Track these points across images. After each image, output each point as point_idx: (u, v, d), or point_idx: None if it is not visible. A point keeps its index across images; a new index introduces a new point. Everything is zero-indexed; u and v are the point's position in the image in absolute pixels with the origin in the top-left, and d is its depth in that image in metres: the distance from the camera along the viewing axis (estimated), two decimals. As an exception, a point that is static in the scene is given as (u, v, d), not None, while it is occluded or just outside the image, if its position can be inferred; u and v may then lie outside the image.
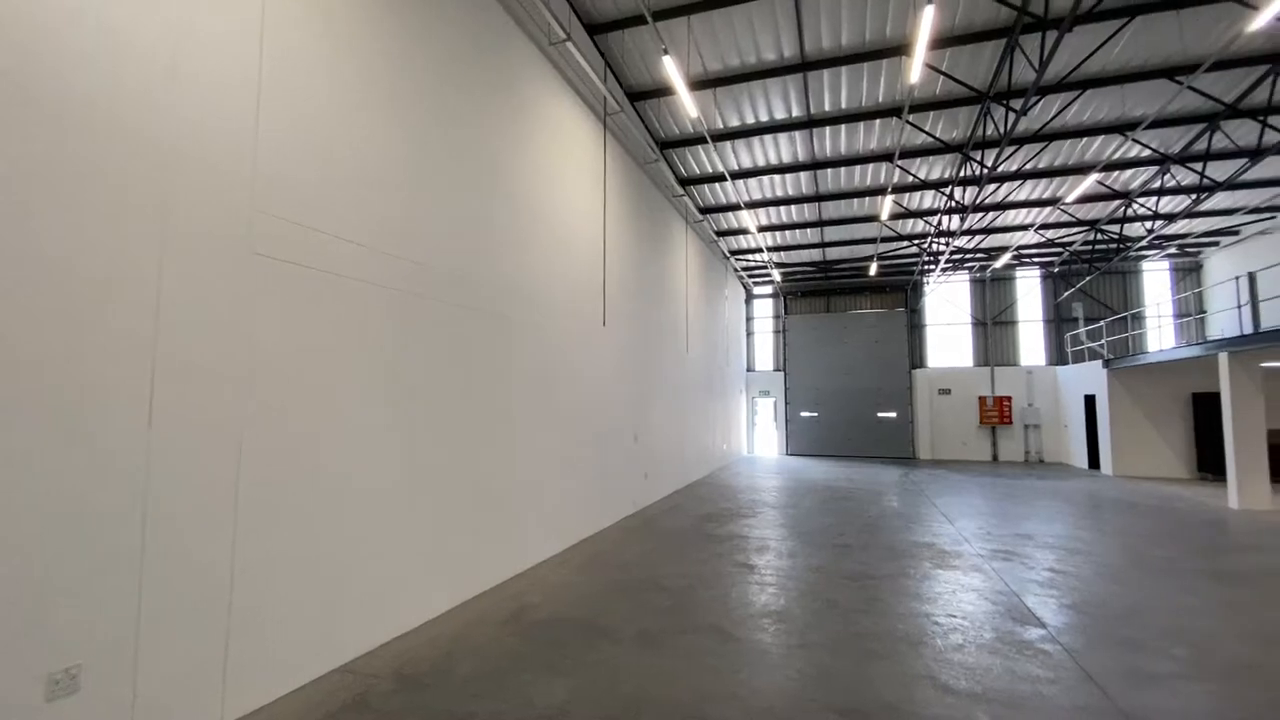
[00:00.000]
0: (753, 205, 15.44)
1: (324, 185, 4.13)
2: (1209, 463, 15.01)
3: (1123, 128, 11.28)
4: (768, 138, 12.08)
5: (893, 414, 21.92)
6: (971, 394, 21.03)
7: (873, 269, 18.95)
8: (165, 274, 3.12)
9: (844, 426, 22.40)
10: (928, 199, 15.11)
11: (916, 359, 21.98)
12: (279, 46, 3.83)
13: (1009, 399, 20.50)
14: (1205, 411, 15.15)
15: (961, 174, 13.09)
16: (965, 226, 16.48)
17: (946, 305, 21.95)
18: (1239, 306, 11.31)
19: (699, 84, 10.16)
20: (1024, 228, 16.82)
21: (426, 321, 5.12)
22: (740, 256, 20.19)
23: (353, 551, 4.26)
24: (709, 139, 10.88)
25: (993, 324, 21.27)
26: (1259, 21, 6.87)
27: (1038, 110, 10.77)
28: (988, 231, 17.19)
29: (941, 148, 12.06)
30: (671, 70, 7.52)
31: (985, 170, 11.18)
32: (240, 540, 3.47)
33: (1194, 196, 13.51)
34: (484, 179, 6.09)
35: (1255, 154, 10.73)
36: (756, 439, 23.57)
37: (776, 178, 13.95)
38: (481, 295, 5.94)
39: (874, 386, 22.16)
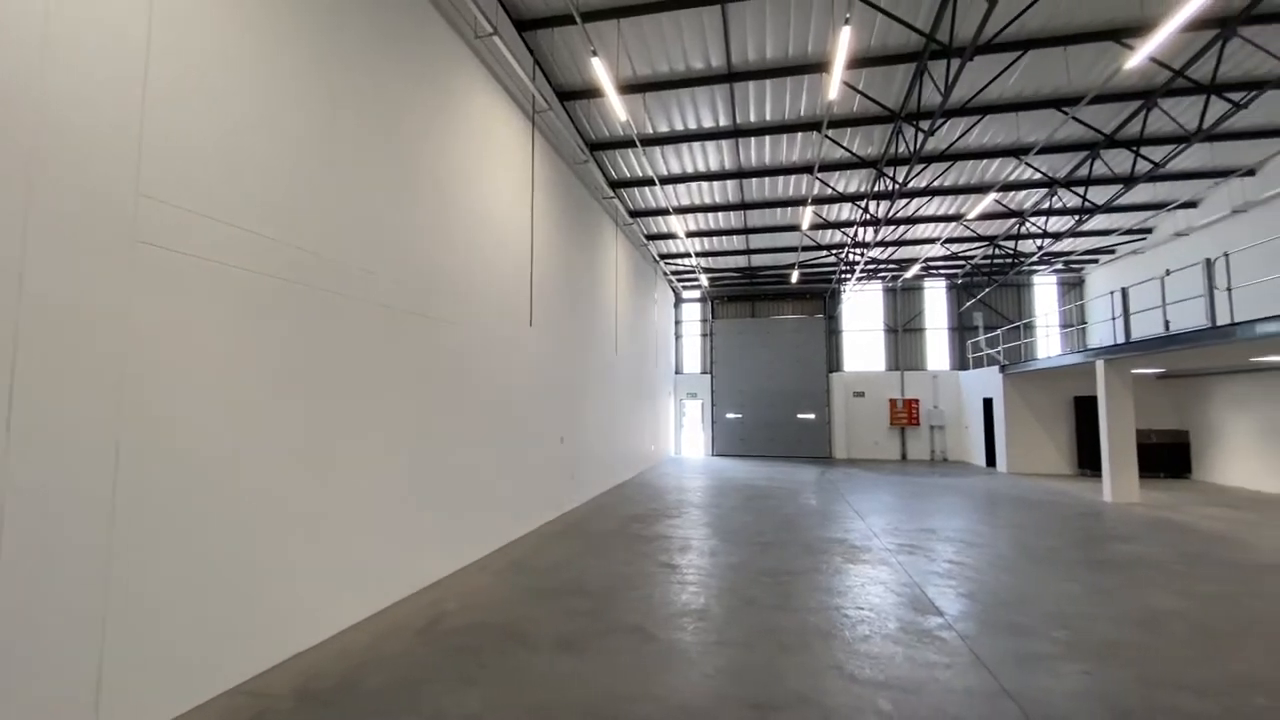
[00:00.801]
0: (681, 211, 15.68)
1: (221, 171, 3.83)
2: (1088, 459, 16.55)
3: (1017, 152, 12.27)
4: (695, 145, 12.30)
5: (811, 415, 22.83)
6: (883, 396, 22.23)
7: (794, 276, 19.68)
8: (30, 257, 2.80)
9: (767, 427, 23.13)
10: (845, 211, 15.86)
11: (834, 363, 23.00)
12: (170, 20, 3.52)
13: (917, 401, 21.82)
14: (1085, 413, 16.71)
15: (876, 188, 13.82)
16: (879, 238, 17.41)
17: (861, 312, 23.11)
18: (1114, 319, 12.54)
19: (628, 88, 10.21)
20: (931, 241, 17.97)
21: (338, 319, 4.86)
22: (670, 260, 20.45)
23: (253, 562, 3.97)
24: (638, 143, 10.95)
25: (903, 331, 22.58)
26: (1134, 60, 7.63)
27: (944, 131, 11.52)
28: (899, 244, 18.24)
29: (858, 163, 12.69)
30: (600, 72, 7.52)
31: (897, 186, 11.86)
32: (117, 553, 3.15)
33: (1077, 217, 14.88)
34: (403, 171, 5.86)
35: (1129, 181, 11.94)
36: (684, 440, 23.92)
37: (704, 184, 14.23)
38: (399, 293, 5.70)
39: (795, 389, 23.01)
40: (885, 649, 4.53)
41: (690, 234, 17.41)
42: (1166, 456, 15.84)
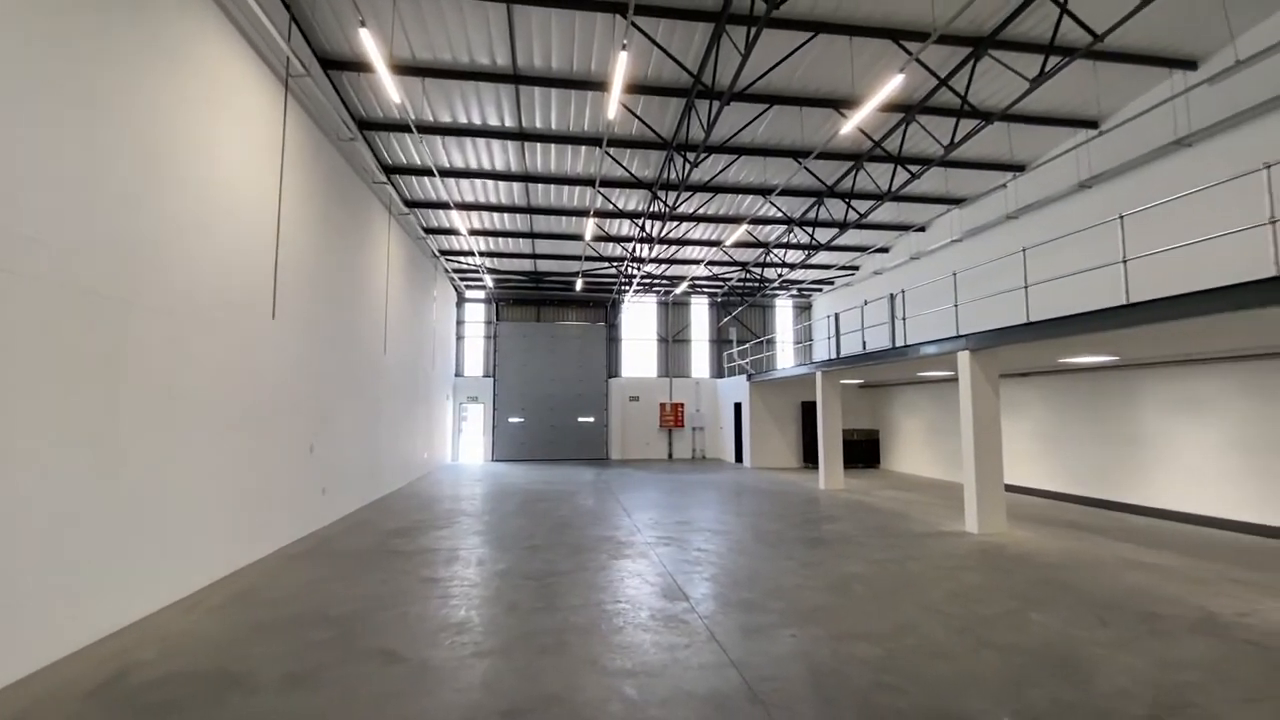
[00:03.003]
0: (464, 207, 15.10)
1: None
2: (810, 455, 19.79)
3: (764, 191, 14.22)
4: (480, 141, 11.96)
5: (591, 419, 23.67)
6: (655, 401, 23.99)
7: (579, 284, 20.26)
8: None
9: (548, 431, 23.36)
10: (625, 227, 16.79)
11: (613, 369, 24.17)
12: None
13: (682, 405, 23.98)
14: (809, 416, 19.95)
15: (651, 209, 14.88)
16: (653, 255, 18.76)
17: (639, 322, 24.69)
18: (829, 338, 15.19)
19: (406, 69, 9.53)
20: (697, 262, 19.91)
21: (-30, 295, 3.67)
22: (451, 257, 19.54)
23: None
24: (415, 129, 10.28)
25: (673, 341, 24.66)
26: (847, 127, 9.37)
27: (708, 164, 12.86)
28: (671, 262, 19.88)
29: (635, 183, 13.53)
30: (369, 45, 6.89)
31: (669, 208, 12.92)
32: None
33: (806, 252, 17.75)
34: (91, 119, 4.68)
35: (843, 225, 14.58)
36: (463, 446, 22.97)
37: (490, 183, 13.90)
38: (79, 270, 4.53)
39: (576, 393, 23.64)
40: (636, 638, 4.85)
41: (474, 232, 16.84)
42: (864, 451, 19.65)
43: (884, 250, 19.10)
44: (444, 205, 14.80)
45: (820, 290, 24.07)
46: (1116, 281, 10.16)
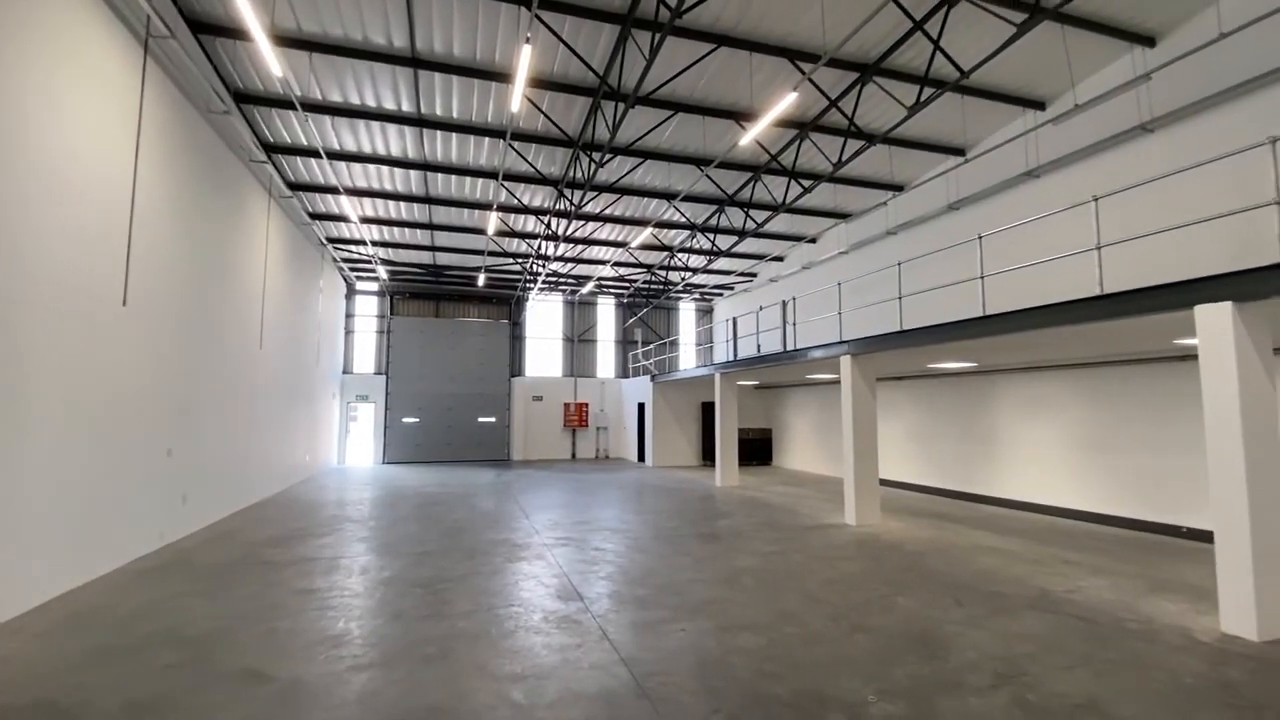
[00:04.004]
0: (355, 193, 14.21)
1: None
2: (709, 453, 20.41)
3: (668, 196, 14.50)
4: (375, 124, 11.30)
5: (493, 419, 23.05)
6: (559, 401, 23.77)
7: (481, 280, 19.67)
8: None
9: (445, 432, 22.47)
10: (530, 223, 16.50)
11: (516, 368, 23.68)
12: None
13: (587, 405, 23.94)
14: (708, 416, 20.58)
15: (557, 206, 14.73)
16: (559, 253, 18.60)
17: (544, 321, 24.37)
18: (727, 341, 15.75)
19: (291, 41, 8.82)
20: (603, 262, 19.96)
21: None
22: (341, 246, 18.31)
23: None
24: (299, 106, 9.54)
25: (578, 341, 24.56)
26: (745, 139, 9.71)
27: (614, 165, 12.91)
28: (577, 261, 19.79)
29: (540, 179, 13.34)
30: (246, 10, 6.30)
31: (574, 207, 12.84)
32: None
33: (708, 258, 18.30)
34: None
35: (741, 234, 15.16)
36: (351, 447, 21.59)
37: (385, 169, 13.17)
38: None
39: (477, 392, 22.92)
40: (527, 641, 4.77)
41: (366, 220, 15.88)
42: (757, 449, 20.55)
43: (779, 259, 20.06)
44: (333, 190, 13.85)
45: (721, 295, 24.88)
46: (990, 294, 11.29)
